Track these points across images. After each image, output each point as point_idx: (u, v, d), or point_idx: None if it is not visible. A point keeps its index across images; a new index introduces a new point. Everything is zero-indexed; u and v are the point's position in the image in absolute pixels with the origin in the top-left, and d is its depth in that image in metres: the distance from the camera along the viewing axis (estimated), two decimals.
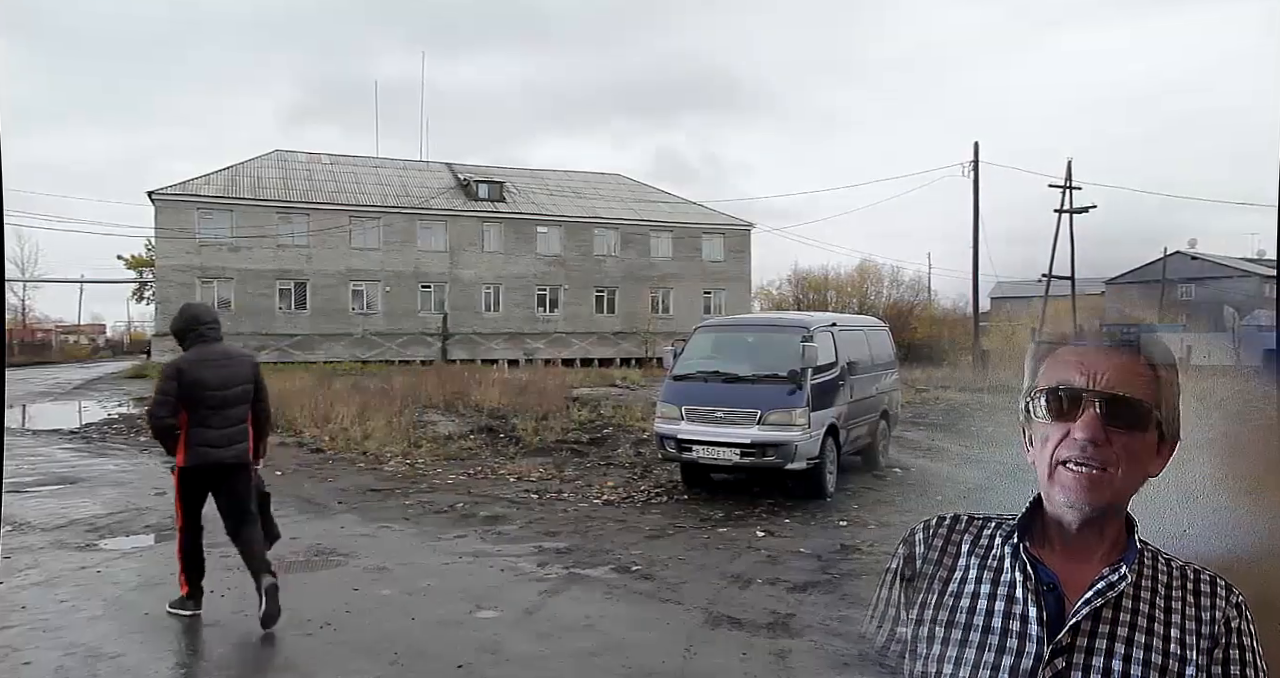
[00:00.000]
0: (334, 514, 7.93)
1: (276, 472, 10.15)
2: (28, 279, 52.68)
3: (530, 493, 8.97)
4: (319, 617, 4.99)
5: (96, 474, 9.92)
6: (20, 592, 5.48)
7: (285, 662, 4.35)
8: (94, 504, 8.23)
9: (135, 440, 12.90)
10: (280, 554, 6.38)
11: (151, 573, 6.03)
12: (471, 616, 5.12)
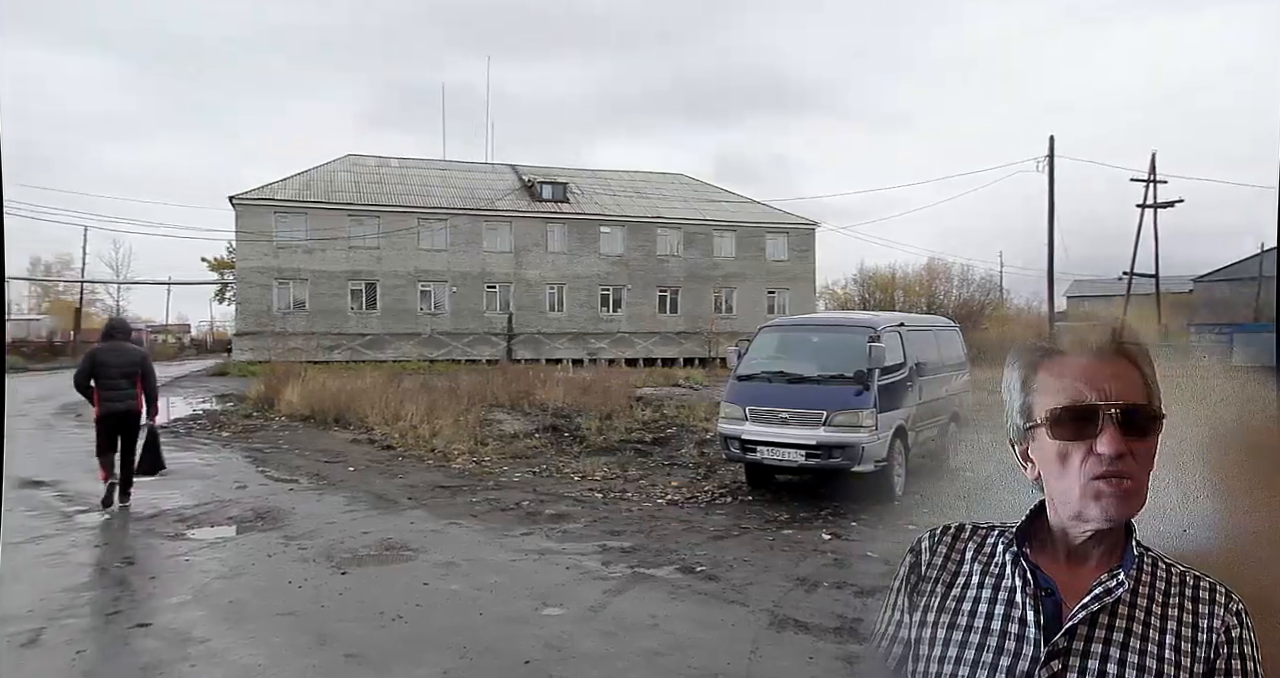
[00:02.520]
0: (404, 510, 8.13)
1: (349, 468, 10.48)
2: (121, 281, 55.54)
3: (595, 492, 9.04)
4: (391, 610, 5.12)
5: (183, 467, 10.37)
6: (118, 578, 5.77)
7: (359, 652, 4.48)
8: (181, 496, 8.61)
9: (218, 436, 13.46)
10: (353, 548, 6.61)
11: (235, 563, 6.28)
12: (537, 613, 5.18)
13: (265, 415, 15.91)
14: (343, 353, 32.43)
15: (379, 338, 34.70)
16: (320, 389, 16.44)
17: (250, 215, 34.22)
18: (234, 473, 10.10)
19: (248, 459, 11.16)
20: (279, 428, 14.41)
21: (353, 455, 11.49)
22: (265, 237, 34.11)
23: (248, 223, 34.23)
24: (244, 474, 10.03)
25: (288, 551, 6.55)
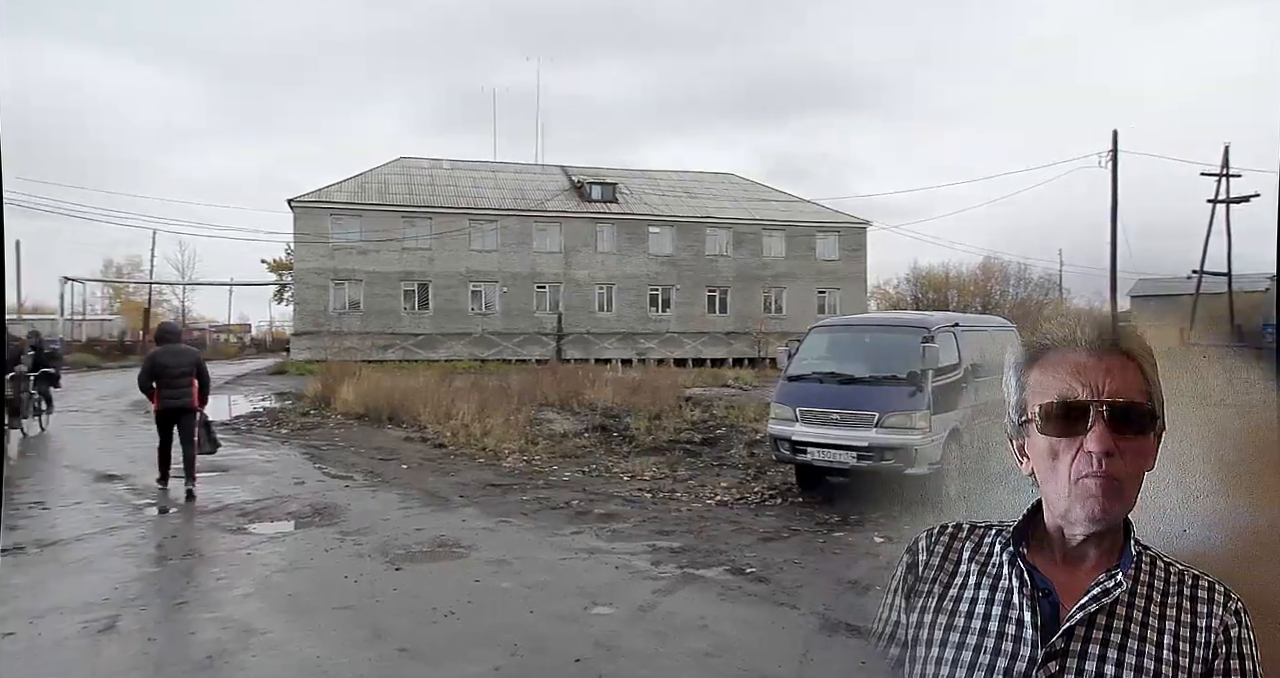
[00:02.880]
0: (456, 508, 8.25)
1: (403, 465, 10.67)
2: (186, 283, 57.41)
3: (644, 492, 9.05)
4: (443, 606, 5.20)
5: (245, 463, 10.69)
6: (184, 569, 5.98)
7: (412, 647, 4.56)
8: (243, 491, 8.87)
9: (277, 433, 13.83)
10: (406, 544, 6.73)
11: (294, 557, 6.46)
12: (587, 611, 5.21)
13: (322, 413, 16.30)
14: (396, 352, 33.03)
15: (431, 337, 35.27)
16: (374, 388, 16.77)
17: (307, 218, 35.08)
18: (292, 469, 10.37)
19: (305, 456, 11.44)
20: (335, 426, 14.75)
21: (406, 453, 11.70)
22: (322, 238, 34.94)
23: (305, 225, 35.10)
24: (302, 471, 10.29)
25: (344, 546, 6.70)
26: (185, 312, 61.58)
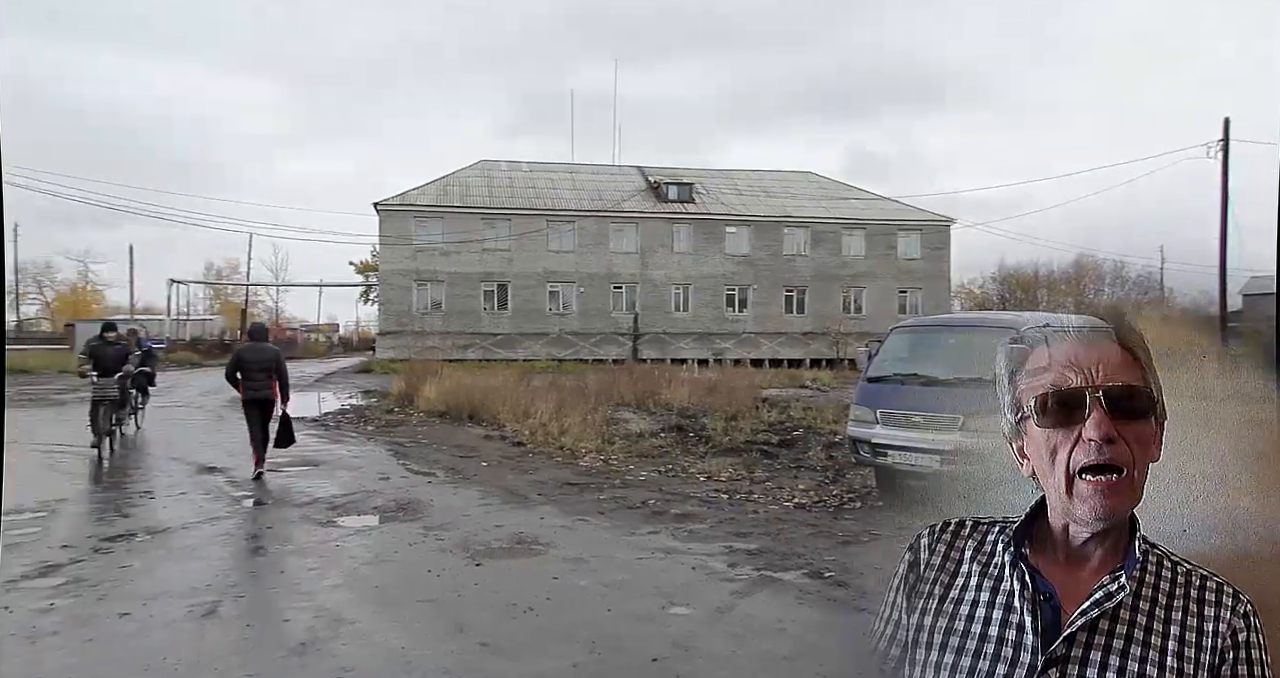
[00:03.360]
0: (534, 505, 8.37)
1: (483, 463, 10.90)
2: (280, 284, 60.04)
3: (720, 493, 9.01)
4: (522, 602, 5.29)
5: (333, 458, 11.10)
6: (280, 559, 6.25)
7: (492, 641, 4.65)
8: (332, 485, 9.22)
9: (363, 429, 14.31)
10: (486, 540, 6.87)
11: (380, 550, 6.67)
12: (664, 611, 5.22)
13: (405, 411, 16.78)
14: (476, 352, 33.75)
15: (510, 337, 35.92)
16: (455, 387, 17.18)
17: (392, 220, 36.20)
18: (378, 465, 10.71)
19: (390, 452, 11.80)
20: (418, 423, 15.17)
21: (485, 451, 11.94)
22: (406, 240, 36.01)
23: (390, 228, 36.23)
24: (387, 467, 10.62)
25: (427, 541, 6.89)
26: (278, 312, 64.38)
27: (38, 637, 4.59)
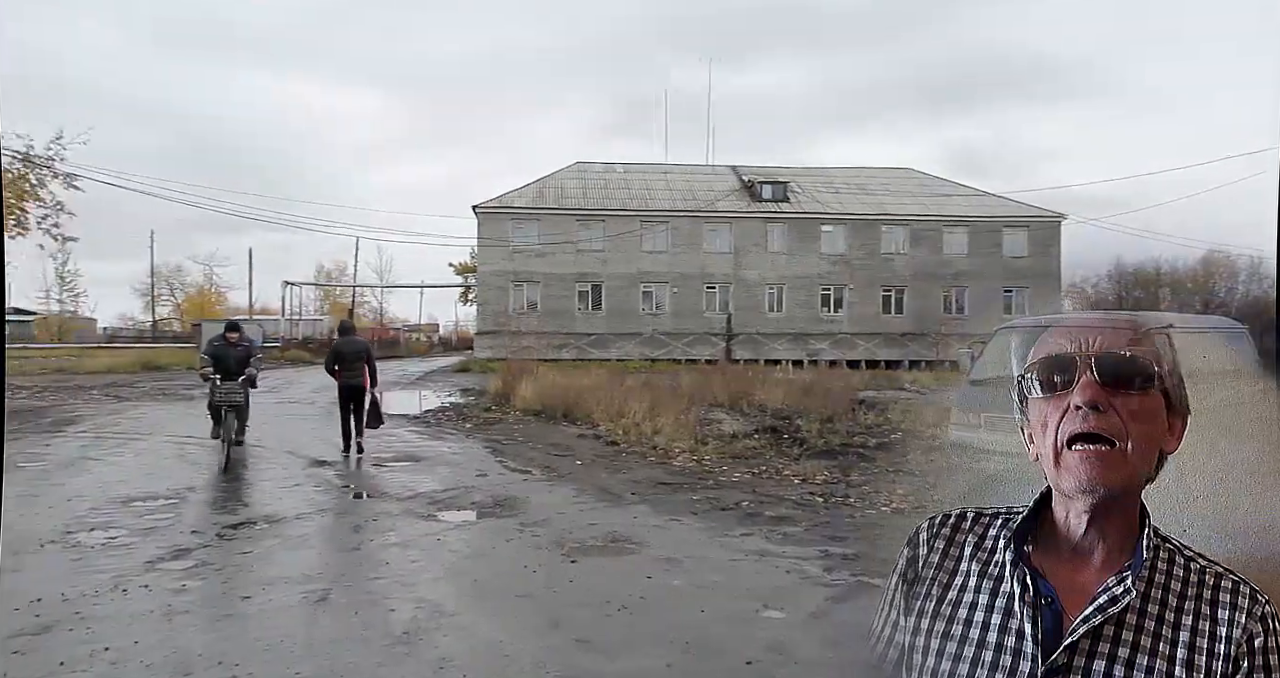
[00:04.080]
0: (627, 505, 8.43)
1: (577, 461, 11.06)
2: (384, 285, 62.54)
3: (815, 496, 8.86)
4: (616, 600, 5.33)
5: (434, 455, 11.48)
6: (385, 550, 6.50)
7: (588, 638, 4.71)
8: (433, 481, 9.53)
9: (462, 427, 14.74)
10: (581, 538, 6.95)
11: (478, 545, 6.86)
12: (759, 614, 5.17)
13: (502, 409, 17.19)
14: (570, 351, 34.27)
15: (603, 337, 36.32)
16: (550, 386, 17.49)
17: (490, 222, 37.16)
18: (476, 462, 11.01)
19: (487, 450, 12.11)
20: (514, 421, 15.51)
21: (580, 450, 12.11)
22: (503, 242, 36.90)
23: (488, 230, 37.20)
24: (484, 464, 10.90)
25: (523, 537, 7.03)
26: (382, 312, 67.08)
27: (173, 614, 4.93)
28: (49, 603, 5.04)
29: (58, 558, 6.13)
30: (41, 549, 6.35)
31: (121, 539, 6.65)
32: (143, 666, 4.16)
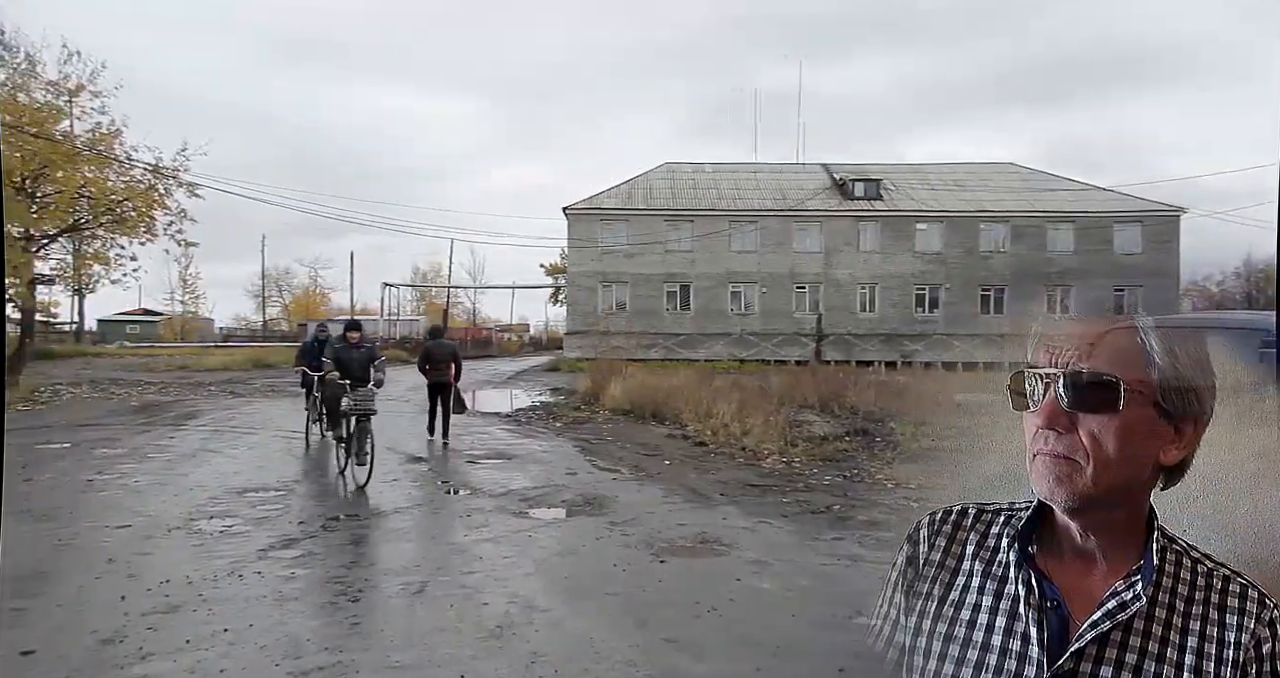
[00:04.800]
0: (716, 506, 8.41)
1: (665, 461, 11.09)
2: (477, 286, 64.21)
3: (910, 501, 8.62)
4: (706, 601, 5.33)
5: (525, 453, 11.71)
6: (479, 545, 6.68)
7: (676, 638, 4.72)
8: (524, 478, 9.73)
9: (552, 426, 14.99)
10: (670, 538, 6.97)
11: (568, 542, 6.96)
12: (851, 620, 5.06)
13: (591, 409, 17.39)
14: (658, 352, 34.39)
15: (692, 337, 36.29)
16: (639, 386, 17.59)
17: (580, 224, 37.65)
18: (566, 461, 11.18)
19: (577, 448, 12.28)
20: (603, 421, 15.67)
21: (668, 450, 12.14)
22: (592, 243, 37.33)
23: (577, 231, 37.70)
24: (574, 462, 11.06)
25: (612, 535, 7.10)
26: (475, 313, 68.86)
27: (283, 600, 5.20)
28: (176, 584, 5.40)
29: (183, 543, 6.56)
30: (169, 534, 6.81)
31: (237, 528, 7.05)
32: (257, 647, 4.41)
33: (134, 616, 4.82)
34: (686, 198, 38.54)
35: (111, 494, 8.45)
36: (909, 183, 38.96)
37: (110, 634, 4.54)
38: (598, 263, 37.27)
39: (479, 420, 15.63)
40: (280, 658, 4.28)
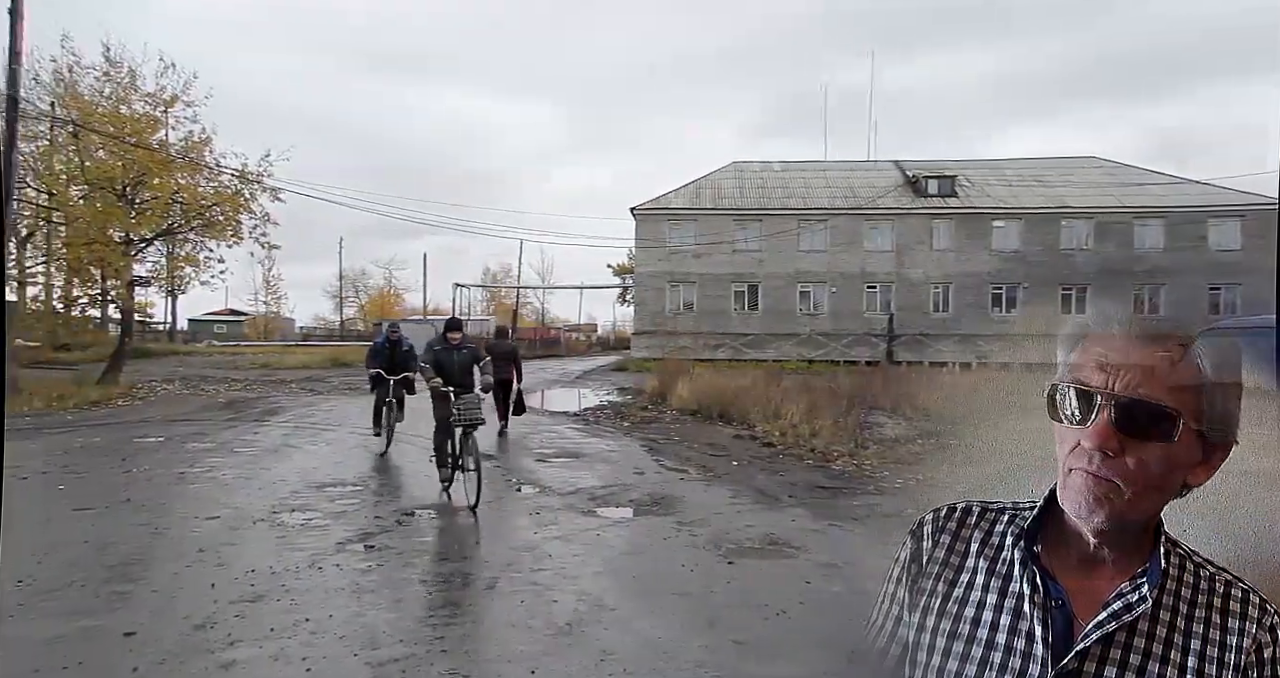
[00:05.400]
0: (785, 507, 8.33)
1: (733, 462, 11.03)
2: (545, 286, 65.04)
3: None
4: (775, 603, 5.28)
5: (593, 452, 11.81)
6: (548, 543, 6.76)
7: (745, 640, 4.69)
8: (592, 477, 9.81)
9: (620, 425, 15.06)
10: (738, 539, 6.94)
11: (636, 541, 6.99)
12: None
13: (659, 408, 17.41)
14: (726, 352, 34.20)
15: (759, 338, 35.99)
16: (706, 386, 17.53)
17: (647, 224, 37.73)
18: (633, 460, 11.22)
19: (644, 448, 12.32)
20: (670, 421, 15.68)
21: (736, 450, 12.07)
22: (659, 243, 37.36)
23: (645, 231, 37.78)
24: (641, 462, 11.09)
25: (680, 535, 7.10)
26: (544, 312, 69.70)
27: (361, 593, 5.37)
28: (261, 574, 5.63)
29: (267, 534, 6.83)
30: (253, 526, 7.10)
31: (316, 521, 7.30)
32: (337, 637, 4.56)
33: (222, 603, 5.04)
34: (754, 197, 38.24)
35: (201, 487, 8.85)
36: (985, 179, 37.82)
37: (201, 620, 4.76)
38: (665, 263, 37.28)
39: (547, 419, 15.83)
40: (358, 648, 4.42)
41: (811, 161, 41.48)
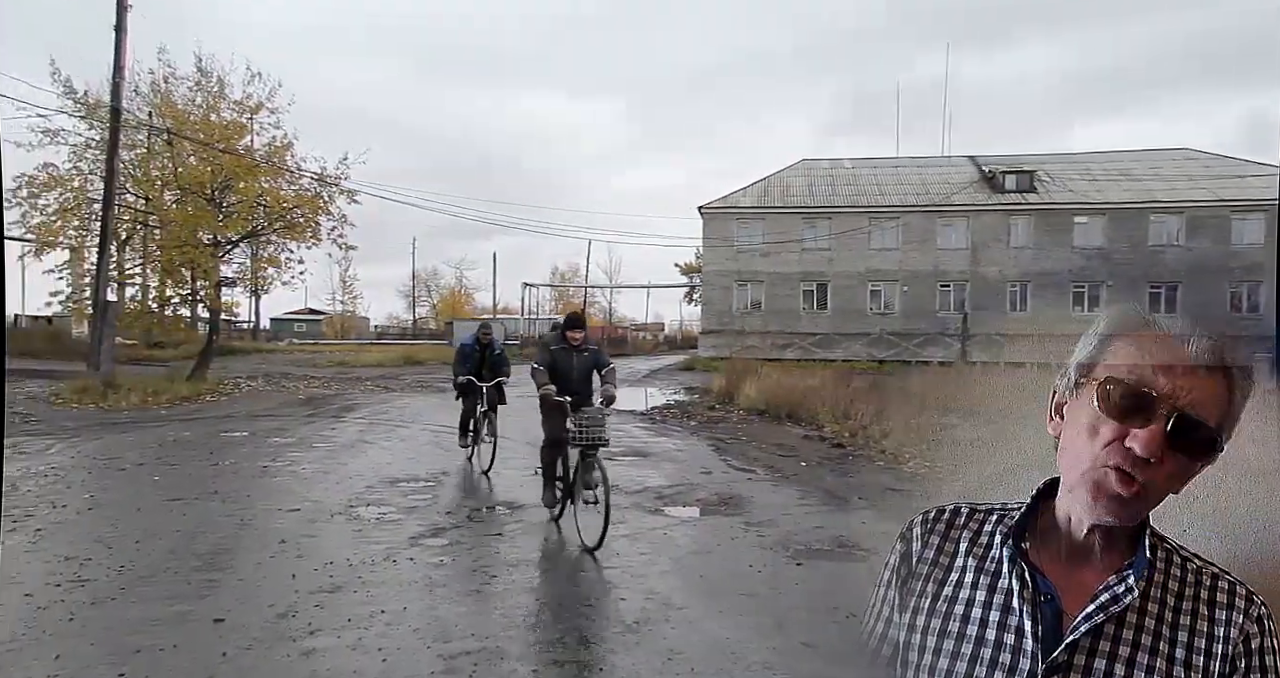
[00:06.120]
0: (854, 509, 8.20)
1: (801, 462, 10.91)
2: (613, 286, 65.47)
3: None
4: (844, 606, 5.19)
5: (660, 451, 11.83)
6: (615, 541, 6.80)
7: (814, 643, 4.64)
8: (659, 476, 9.83)
9: (686, 424, 15.06)
10: (806, 541, 6.87)
11: (703, 541, 6.98)
12: None
13: (726, 408, 17.34)
14: (794, 351, 33.81)
15: (828, 337, 35.47)
16: (774, 385, 17.38)
17: (715, 223, 37.58)
18: (700, 459, 11.20)
19: (711, 447, 12.28)
20: (738, 420, 15.59)
21: (804, 451, 11.94)
22: (727, 242, 37.17)
23: (713, 230, 37.64)
24: (708, 461, 11.07)
25: (747, 536, 7.07)
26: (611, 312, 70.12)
27: (434, 586, 5.50)
28: (338, 566, 5.82)
29: (343, 528, 7.07)
30: (330, 520, 7.34)
31: (391, 516, 7.51)
32: (410, 630, 4.68)
33: (303, 593, 5.24)
34: (824, 195, 37.71)
35: (283, 480, 9.20)
36: (1066, 174, 36.44)
37: (284, 609, 4.95)
38: (733, 262, 37.08)
39: (614, 418, 15.90)
40: (431, 641, 4.53)
41: (883, 158, 40.66)
